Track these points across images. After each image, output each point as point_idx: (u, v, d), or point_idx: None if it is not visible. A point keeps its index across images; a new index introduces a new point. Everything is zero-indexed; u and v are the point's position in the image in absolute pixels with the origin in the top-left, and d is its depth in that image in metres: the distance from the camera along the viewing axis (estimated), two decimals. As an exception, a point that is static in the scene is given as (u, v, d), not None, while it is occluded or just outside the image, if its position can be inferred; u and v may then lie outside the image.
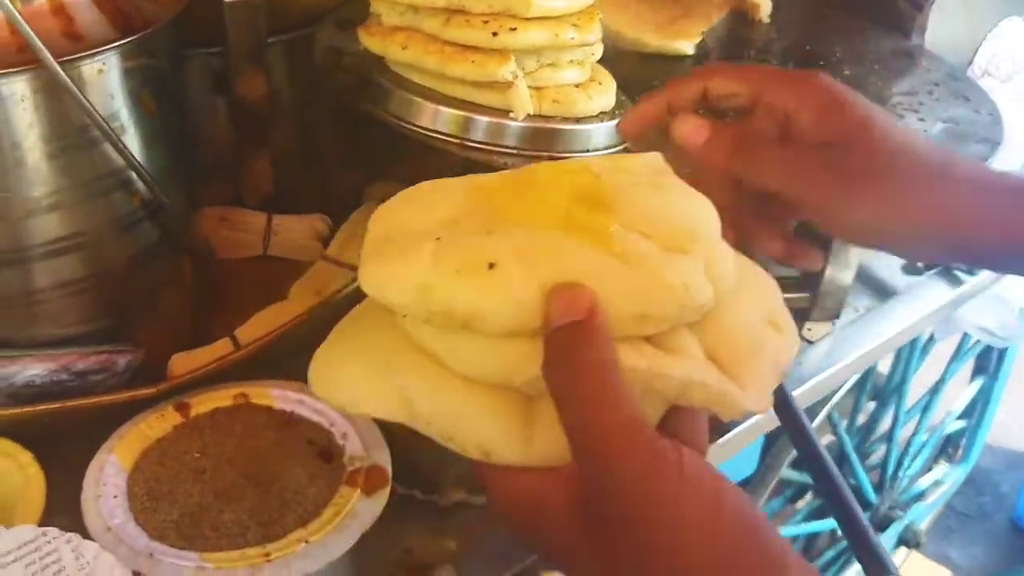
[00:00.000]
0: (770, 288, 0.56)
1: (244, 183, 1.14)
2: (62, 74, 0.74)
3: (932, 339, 1.49)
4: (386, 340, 0.51)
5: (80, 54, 0.77)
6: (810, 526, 1.76)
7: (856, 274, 1.04)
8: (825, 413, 1.46)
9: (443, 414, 0.48)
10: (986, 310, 1.31)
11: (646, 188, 0.51)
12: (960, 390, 1.90)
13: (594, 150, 0.88)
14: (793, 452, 1.43)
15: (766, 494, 1.52)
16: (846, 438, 1.64)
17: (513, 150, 0.86)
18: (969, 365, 1.84)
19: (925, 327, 1.14)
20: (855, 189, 0.61)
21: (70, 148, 0.80)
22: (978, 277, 1.14)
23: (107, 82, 0.81)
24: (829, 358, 1.03)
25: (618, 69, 0.96)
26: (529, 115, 0.85)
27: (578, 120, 0.88)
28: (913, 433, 1.79)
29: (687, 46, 1.13)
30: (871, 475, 1.78)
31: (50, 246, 0.83)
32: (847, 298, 1.05)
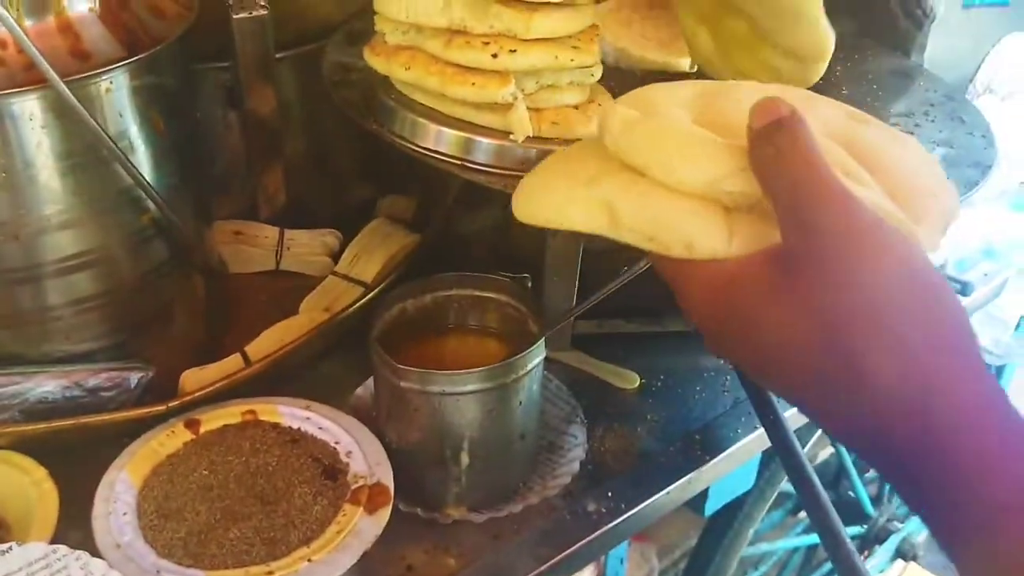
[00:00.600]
0: (936, 163, 0.59)
1: (258, 195, 1.13)
2: (69, 94, 0.73)
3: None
4: (591, 163, 0.57)
5: (87, 73, 0.76)
6: (810, 538, 1.74)
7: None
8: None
9: (648, 219, 0.52)
10: (982, 329, 1.29)
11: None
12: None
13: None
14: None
15: (765, 508, 1.50)
16: (844, 452, 1.61)
17: (514, 172, 0.84)
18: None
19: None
20: None
21: (80, 166, 0.79)
22: (970, 297, 1.12)
23: (115, 100, 0.80)
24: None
25: (622, 86, 0.95)
26: (529, 137, 0.83)
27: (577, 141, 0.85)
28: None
29: (688, 63, 1.11)
30: (869, 488, 1.77)
31: (62, 263, 0.82)
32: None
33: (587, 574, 1.18)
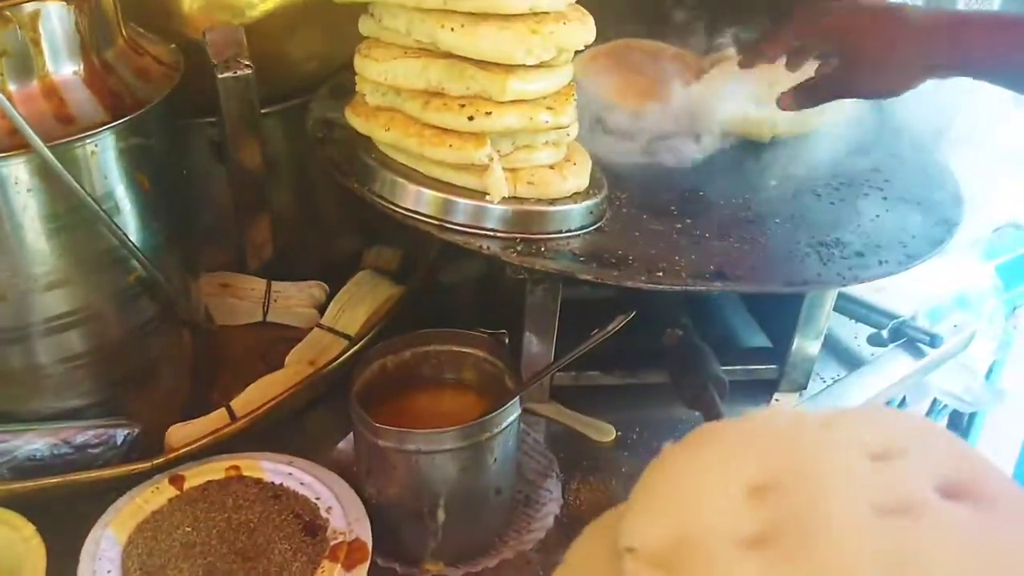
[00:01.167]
0: None
1: (245, 247, 1.13)
2: (53, 159, 0.73)
3: (904, 401, 1.45)
4: None
5: (71, 137, 0.75)
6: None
7: (824, 345, 1.02)
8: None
9: None
10: (953, 377, 1.28)
11: None
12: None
13: (567, 231, 0.86)
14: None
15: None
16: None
17: (491, 232, 0.84)
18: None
19: (889, 396, 1.11)
20: None
21: (66, 228, 0.79)
22: (940, 348, 1.12)
23: (100, 163, 0.79)
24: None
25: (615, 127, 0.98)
26: (505, 197, 0.83)
27: (552, 201, 0.86)
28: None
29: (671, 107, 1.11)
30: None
31: (51, 323, 0.81)
32: (814, 368, 1.02)
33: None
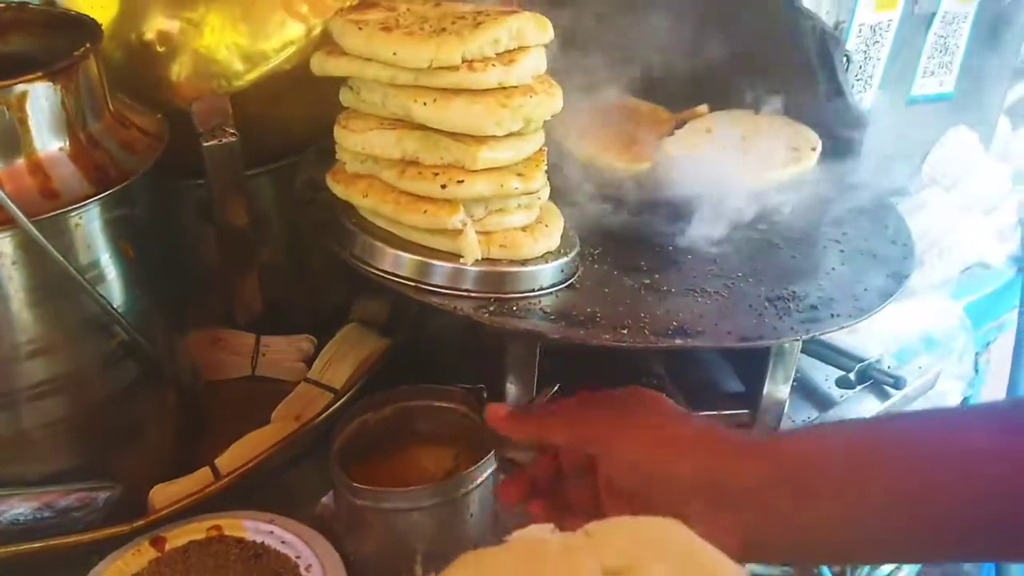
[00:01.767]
0: None
1: (234, 303, 1.13)
2: (38, 235, 0.73)
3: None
4: None
5: (56, 212, 0.75)
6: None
7: (796, 388, 1.02)
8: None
9: None
10: (924, 416, 1.29)
11: None
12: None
13: (539, 289, 0.87)
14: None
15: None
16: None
17: (465, 292, 0.85)
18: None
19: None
20: None
21: (50, 297, 0.79)
22: (905, 390, 1.12)
23: (85, 234, 0.80)
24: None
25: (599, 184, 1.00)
26: (479, 259, 0.84)
27: (524, 262, 0.86)
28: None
29: (646, 165, 1.12)
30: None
31: (35, 389, 0.81)
32: (785, 411, 1.03)
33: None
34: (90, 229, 0.80)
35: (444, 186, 0.81)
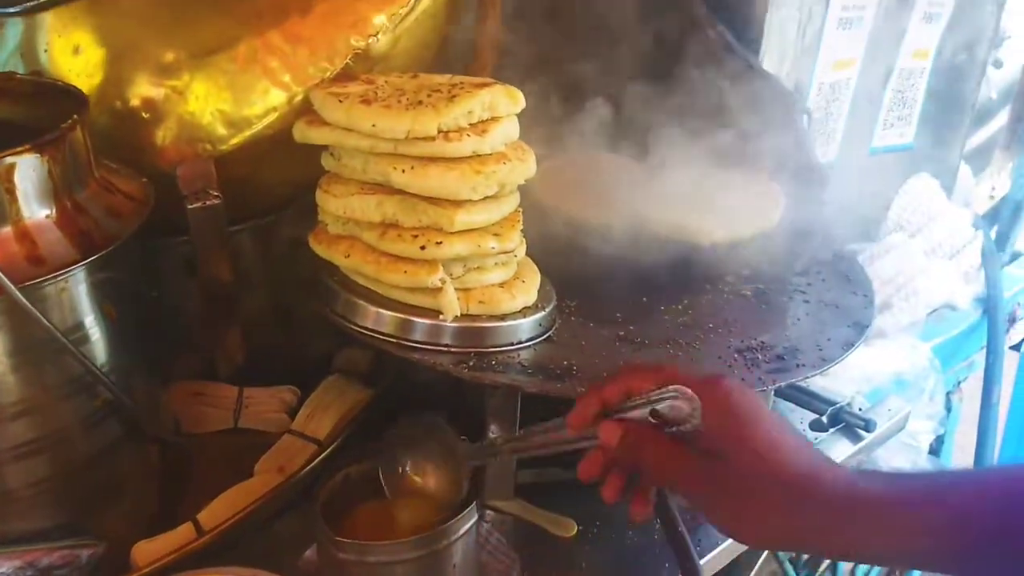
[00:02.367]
0: None
1: (217, 356, 1.14)
2: (24, 301, 0.73)
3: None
4: None
5: (42, 278, 0.76)
6: None
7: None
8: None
9: None
10: (899, 454, 1.31)
11: None
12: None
13: (518, 343, 0.88)
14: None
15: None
16: (790, 570, 1.60)
17: (445, 348, 0.86)
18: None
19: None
20: (723, 506, 0.67)
21: (35, 360, 0.79)
22: (875, 432, 1.14)
23: (69, 298, 0.80)
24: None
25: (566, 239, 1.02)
26: (458, 316, 0.85)
27: (503, 317, 0.88)
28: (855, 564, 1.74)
29: (622, 219, 1.14)
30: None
31: (18, 449, 0.81)
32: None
33: None
34: (75, 293, 0.81)
35: (423, 247, 0.83)
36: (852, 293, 1.05)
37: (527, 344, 0.89)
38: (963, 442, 1.88)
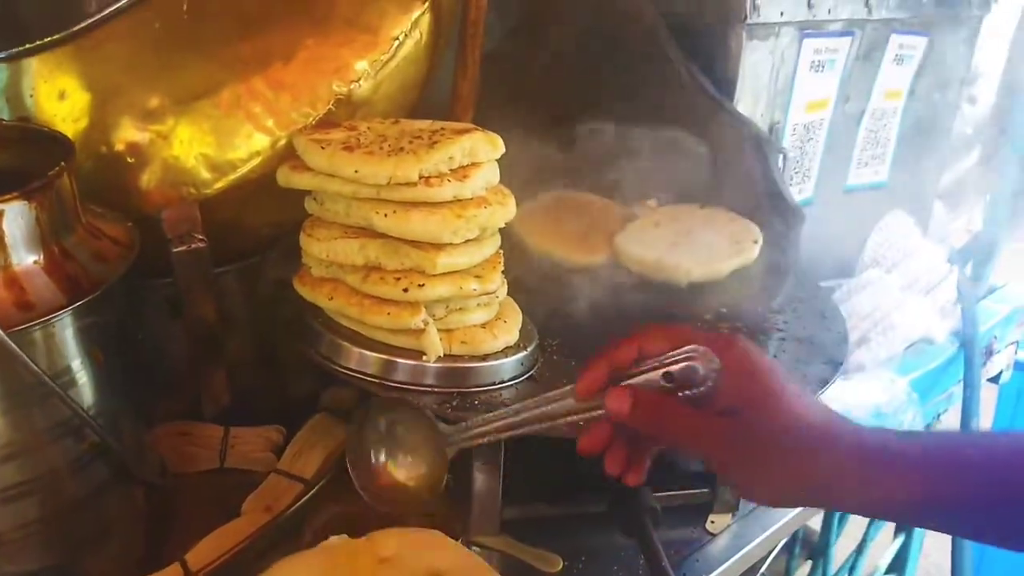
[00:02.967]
0: None
1: (202, 396, 1.14)
2: (12, 346, 0.74)
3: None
4: None
5: (30, 324, 0.76)
6: None
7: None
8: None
9: None
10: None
11: None
12: (885, 548, 1.87)
13: (500, 383, 0.90)
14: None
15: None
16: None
17: (429, 388, 0.87)
18: (891, 525, 1.82)
19: (814, 511, 1.15)
20: (742, 464, 0.68)
21: (22, 404, 0.79)
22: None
23: (57, 343, 0.81)
24: (733, 546, 1.03)
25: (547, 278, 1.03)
26: (441, 356, 0.87)
27: (485, 357, 0.89)
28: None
29: (601, 258, 1.16)
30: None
31: (8, 492, 0.81)
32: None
33: None
34: (63, 337, 0.82)
35: (406, 290, 0.84)
36: (827, 330, 1.07)
37: (510, 383, 0.90)
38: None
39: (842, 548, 1.66)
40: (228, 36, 0.98)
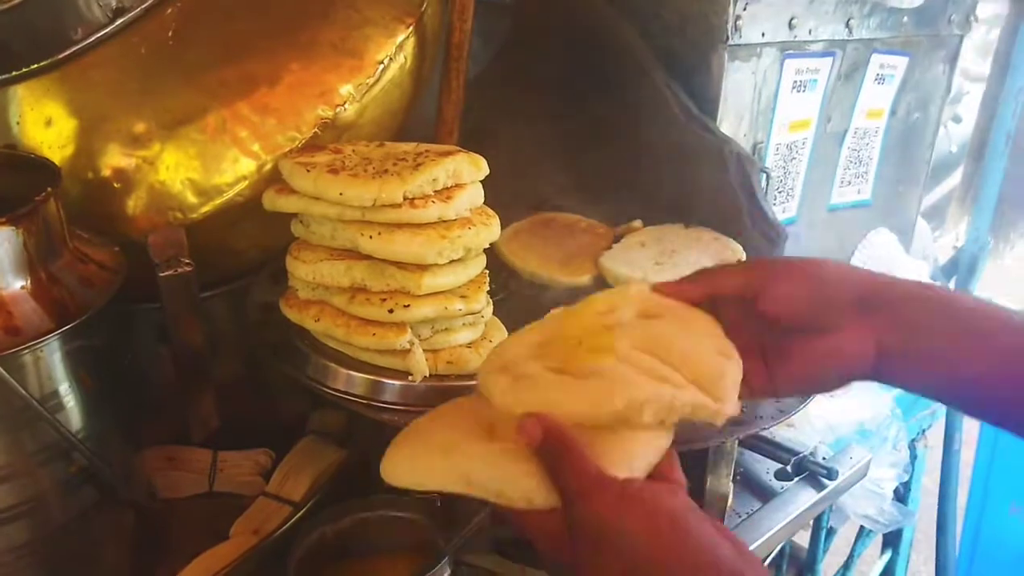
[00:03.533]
0: (715, 327, 0.68)
1: (190, 420, 1.14)
2: (0, 370, 0.75)
3: (832, 530, 1.49)
4: (447, 432, 0.65)
5: (18, 348, 0.77)
6: None
7: (740, 480, 1.06)
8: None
9: (495, 479, 0.61)
10: (864, 500, 1.33)
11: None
12: (872, 563, 1.88)
13: (487, 402, 0.90)
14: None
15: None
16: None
17: (416, 408, 0.87)
18: (878, 541, 1.83)
19: (799, 526, 1.16)
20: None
21: (12, 427, 0.80)
22: (836, 481, 1.17)
23: (45, 367, 0.81)
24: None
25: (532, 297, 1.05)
26: (427, 376, 0.87)
27: (471, 376, 0.90)
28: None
29: (586, 279, 1.17)
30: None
31: (-3, 516, 0.82)
32: (733, 504, 1.06)
33: None
34: (50, 361, 0.82)
35: (391, 311, 0.85)
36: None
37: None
38: (932, 487, 1.91)
39: (830, 564, 1.66)
40: (214, 61, 0.99)
